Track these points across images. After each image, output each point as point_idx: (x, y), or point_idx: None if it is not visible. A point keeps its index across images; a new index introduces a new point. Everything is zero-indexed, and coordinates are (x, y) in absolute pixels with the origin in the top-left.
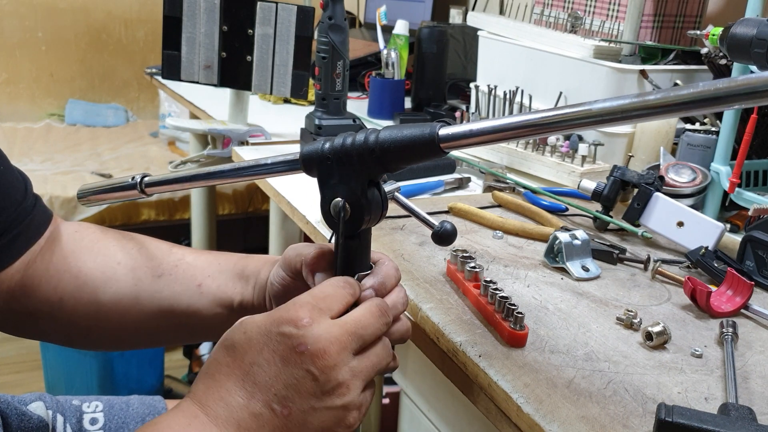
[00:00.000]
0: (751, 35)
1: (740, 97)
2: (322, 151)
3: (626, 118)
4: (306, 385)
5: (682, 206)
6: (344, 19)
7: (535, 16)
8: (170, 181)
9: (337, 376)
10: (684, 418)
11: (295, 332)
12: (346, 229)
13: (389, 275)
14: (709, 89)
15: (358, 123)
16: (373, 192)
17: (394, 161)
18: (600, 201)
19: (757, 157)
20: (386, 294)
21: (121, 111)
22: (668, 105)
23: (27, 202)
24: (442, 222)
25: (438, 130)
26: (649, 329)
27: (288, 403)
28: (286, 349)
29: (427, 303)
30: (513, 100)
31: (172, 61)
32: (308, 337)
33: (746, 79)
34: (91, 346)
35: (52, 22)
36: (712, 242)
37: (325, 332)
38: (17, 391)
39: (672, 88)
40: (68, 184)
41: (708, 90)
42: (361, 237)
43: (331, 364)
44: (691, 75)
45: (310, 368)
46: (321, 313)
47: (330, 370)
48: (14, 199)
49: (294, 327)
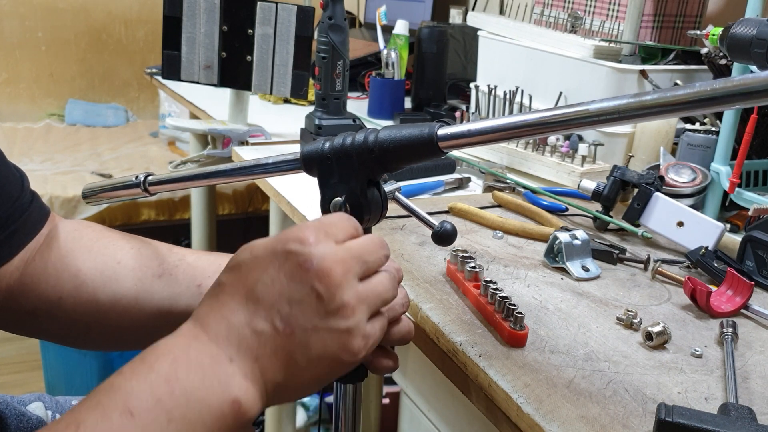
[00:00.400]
0: (751, 35)
1: (737, 97)
2: (322, 151)
3: (623, 119)
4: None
5: (682, 206)
6: (344, 19)
7: (535, 16)
8: (173, 180)
9: (342, 296)
10: (684, 418)
11: (301, 249)
12: None
13: None
14: (705, 90)
15: (358, 123)
16: (372, 192)
17: (394, 161)
18: (600, 201)
19: (757, 157)
20: None
21: (121, 111)
22: (665, 105)
23: (24, 198)
24: (442, 222)
25: (437, 129)
26: (649, 329)
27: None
28: (291, 266)
29: (427, 303)
30: (513, 100)
31: (172, 61)
32: (314, 255)
33: (743, 79)
34: (90, 346)
35: (52, 22)
36: (712, 242)
37: (331, 252)
38: (17, 391)
39: (669, 89)
40: (68, 184)
41: (705, 90)
42: None
43: (336, 282)
44: (692, 75)
45: (316, 285)
46: (327, 236)
47: (335, 288)
48: (10, 195)
49: (300, 244)
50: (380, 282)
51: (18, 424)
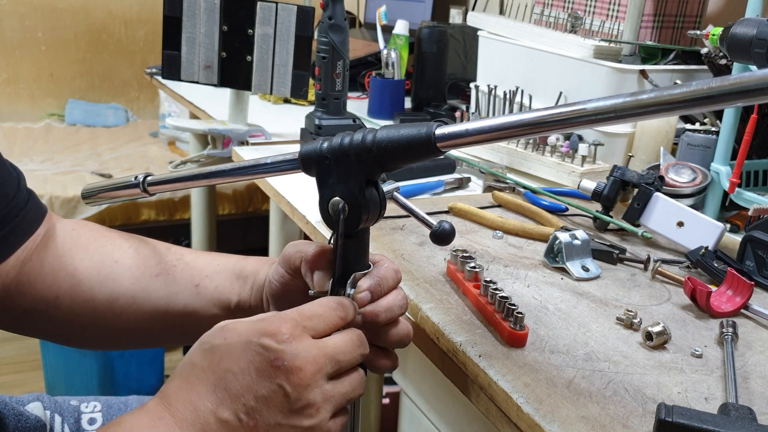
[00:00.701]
0: (751, 35)
1: (734, 95)
2: (321, 151)
3: (621, 117)
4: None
5: (682, 206)
6: (344, 19)
7: (535, 16)
8: (172, 180)
9: (309, 396)
10: (684, 418)
11: (274, 346)
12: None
13: (386, 277)
14: (702, 88)
15: (358, 123)
16: (371, 191)
17: (392, 161)
18: (600, 201)
19: (757, 157)
20: (383, 295)
21: (121, 111)
22: (662, 104)
23: (20, 197)
24: (441, 222)
25: (434, 129)
26: (649, 329)
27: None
28: (263, 362)
29: (427, 303)
30: (513, 100)
31: (172, 61)
32: (287, 353)
33: (739, 78)
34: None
35: (52, 22)
36: (712, 242)
37: (303, 351)
38: (17, 392)
39: (666, 87)
40: (68, 184)
41: (701, 89)
42: (359, 236)
43: (305, 383)
44: (692, 75)
45: (283, 384)
46: (303, 331)
47: (302, 389)
48: (6, 194)
49: (274, 341)
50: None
51: (16, 424)
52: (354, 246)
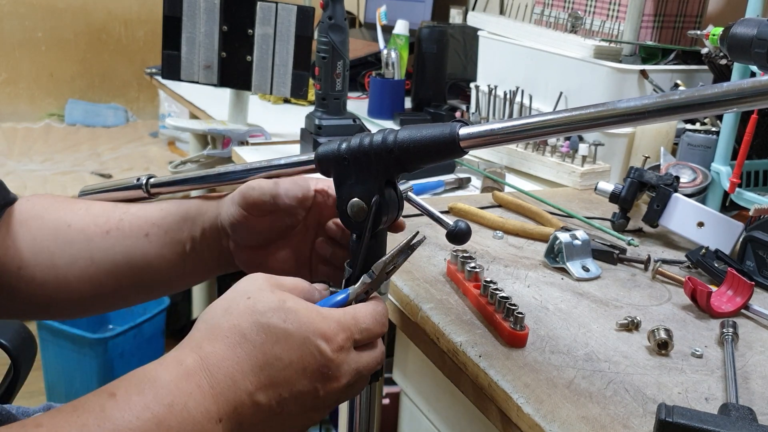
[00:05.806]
0: (751, 35)
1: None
2: (339, 152)
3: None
4: (307, 399)
5: (702, 206)
6: (344, 19)
7: (535, 16)
8: (177, 182)
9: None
10: (684, 419)
11: (328, 354)
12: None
13: None
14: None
15: (358, 123)
16: (390, 192)
17: (414, 161)
18: (618, 203)
19: (757, 157)
20: None
21: (121, 111)
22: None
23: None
24: (457, 221)
25: (458, 129)
26: (660, 336)
27: (284, 406)
28: (314, 363)
29: (427, 303)
30: (513, 100)
31: (172, 61)
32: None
33: (737, 84)
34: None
35: (52, 22)
36: (733, 241)
37: (346, 365)
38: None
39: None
40: (68, 184)
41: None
42: (378, 237)
43: (336, 391)
44: (692, 75)
45: (319, 387)
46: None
47: (333, 394)
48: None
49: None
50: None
51: None
52: (373, 247)
